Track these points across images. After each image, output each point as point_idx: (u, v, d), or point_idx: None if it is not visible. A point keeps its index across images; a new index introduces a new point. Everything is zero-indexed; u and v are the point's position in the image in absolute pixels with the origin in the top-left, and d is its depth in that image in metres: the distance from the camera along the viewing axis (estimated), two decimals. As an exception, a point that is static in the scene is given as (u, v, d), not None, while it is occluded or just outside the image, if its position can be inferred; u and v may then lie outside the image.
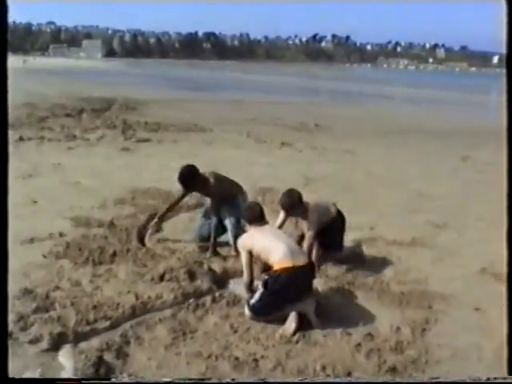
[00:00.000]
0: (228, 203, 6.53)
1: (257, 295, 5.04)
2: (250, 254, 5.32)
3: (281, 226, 6.32)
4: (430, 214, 8.73)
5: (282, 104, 29.98)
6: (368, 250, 6.83)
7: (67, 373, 4.00)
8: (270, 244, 5.24)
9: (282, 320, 4.86)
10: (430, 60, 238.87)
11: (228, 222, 6.56)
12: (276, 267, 5.06)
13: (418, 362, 4.39)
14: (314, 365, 4.22)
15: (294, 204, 6.16)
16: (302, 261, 5.15)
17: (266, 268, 5.26)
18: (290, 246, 5.24)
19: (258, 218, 5.65)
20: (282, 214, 6.34)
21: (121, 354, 4.30)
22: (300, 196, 6.21)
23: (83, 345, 4.39)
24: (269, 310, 4.99)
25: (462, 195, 10.17)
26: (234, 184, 6.76)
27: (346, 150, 15.04)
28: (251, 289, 5.32)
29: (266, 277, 5.06)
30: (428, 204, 9.51)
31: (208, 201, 6.70)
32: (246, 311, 5.03)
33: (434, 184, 11.03)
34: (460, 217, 8.64)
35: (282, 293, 4.99)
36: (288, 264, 5.04)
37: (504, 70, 3.86)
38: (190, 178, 6.30)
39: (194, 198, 7.78)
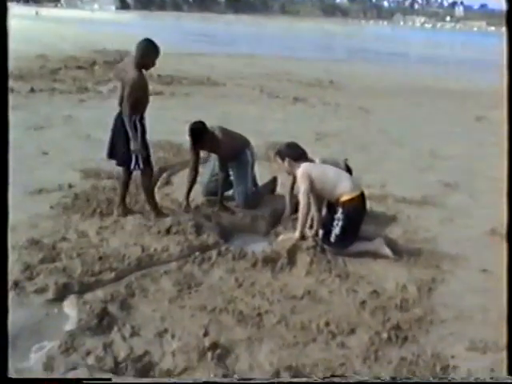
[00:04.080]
0: (235, 158, 6.47)
1: (337, 228, 5.39)
2: (311, 184, 5.43)
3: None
4: (441, 174, 8.65)
5: (296, 60, 29.64)
6: (377, 208, 6.79)
7: (71, 323, 4.02)
8: (335, 175, 5.57)
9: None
10: (448, 18, 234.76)
11: (235, 177, 6.51)
12: (346, 197, 5.40)
13: (422, 321, 4.38)
14: (318, 321, 4.22)
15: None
16: (360, 189, 5.54)
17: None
18: (350, 177, 5.67)
19: (303, 155, 5.84)
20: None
21: (125, 305, 4.32)
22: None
23: (88, 295, 4.41)
24: (351, 240, 5.44)
25: (474, 156, 10.05)
26: (241, 138, 6.68)
27: (359, 107, 14.89)
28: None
29: (340, 208, 5.40)
30: (440, 164, 9.42)
31: (215, 156, 6.64)
32: (327, 247, 5.39)
33: (447, 144, 10.89)
34: (472, 178, 8.55)
35: (358, 221, 5.53)
36: (357, 193, 5.45)
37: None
38: (200, 134, 6.21)
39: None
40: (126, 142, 5.78)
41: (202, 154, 6.64)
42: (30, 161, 8.21)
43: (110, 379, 3.29)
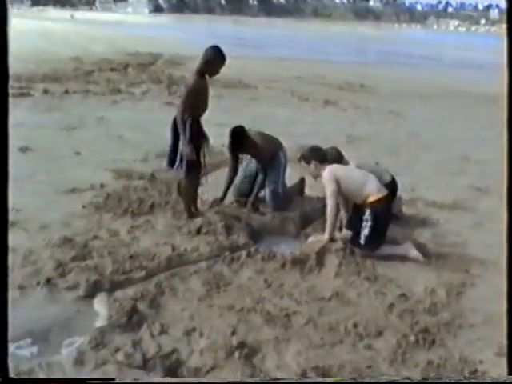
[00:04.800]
0: (271, 160, 6.50)
1: (366, 230, 5.41)
2: (338, 186, 5.48)
3: None
4: (472, 178, 8.58)
5: (327, 63, 29.60)
6: (407, 211, 6.76)
7: (102, 320, 4.09)
8: (361, 176, 5.64)
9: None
10: (483, 21, 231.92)
11: (268, 180, 6.54)
12: (373, 198, 5.44)
13: (450, 325, 4.35)
14: (345, 322, 4.23)
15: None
16: (386, 190, 5.59)
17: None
18: (376, 177, 5.70)
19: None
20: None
21: (154, 303, 4.37)
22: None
23: (118, 293, 4.48)
24: (380, 241, 5.47)
25: (506, 161, 9.93)
26: (275, 141, 6.72)
27: (390, 111, 14.83)
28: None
29: (368, 209, 5.43)
30: (471, 168, 9.34)
31: (247, 158, 6.68)
32: (357, 249, 5.40)
33: (479, 148, 10.79)
34: (502, 182, 8.44)
35: (386, 222, 5.57)
36: (384, 193, 5.50)
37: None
38: (240, 139, 6.27)
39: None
40: (174, 143, 5.91)
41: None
42: (64, 161, 8.36)
43: (113, 379, 3.33)
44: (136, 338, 3.88)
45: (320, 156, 5.76)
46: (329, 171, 5.57)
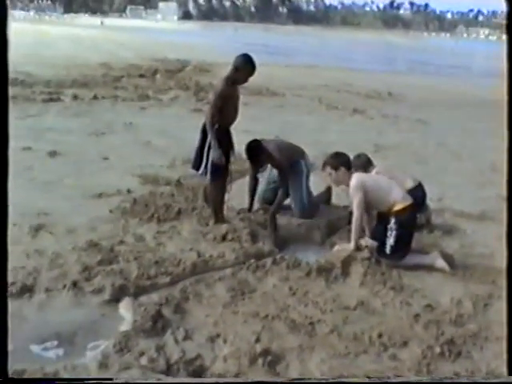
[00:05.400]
0: (291, 169, 6.50)
1: (391, 239, 5.36)
2: (365, 195, 5.44)
3: None
4: (501, 188, 8.46)
5: (355, 71, 29.55)
6: (435, 221, 6.71)
7: (126, 324, 4.11)
8: (387, 184, 5.61)
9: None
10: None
11: (290, 187, 6.54)
12: (398, 207, 5.39)
13: (477, 337, 4.29)
14: (370, 332, 4.19)
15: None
16: (411, 199, 5.55)
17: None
18: (399, 186, 5.70)
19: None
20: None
21: (179, 309, 4.38)
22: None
23: (143, 298, 4.50)
24: (406, 250, 5.43)
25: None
26: (295, 149, 6.71)
27: (418, 120, 14.74)
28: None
29: (393, 218, 5.38)
30: (500, 178, 9.19)
31: (274, 170, 6.70)
32: (384, 260, 5.36)
33: (508, 158, 10.66)
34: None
35: (411, 231, 5.54)
36: (409, 202, 5.45)
37: None
38: (256, 153, 6.29)
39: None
40: (201, 147, 5.96)
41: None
42: (91, 166, 8.44)
43: (111, 379, 3.33)
44: (160, 342, 3.89)
45: (345, 162, 5.71)
46: (356, 180, 5.52)
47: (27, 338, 3.89)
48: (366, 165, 6.58)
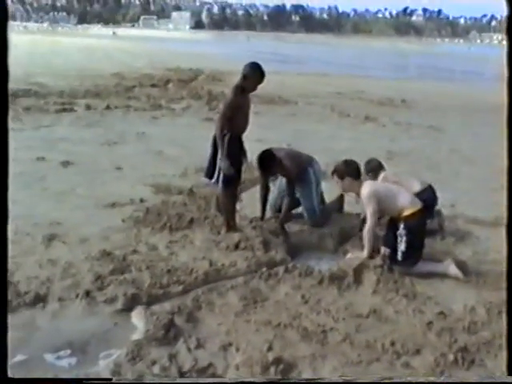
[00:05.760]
0: (299, 177, 6.50)
1: (402, 245, 5.36)
2: (377, 203, 5.43)
3: None
4: (515, 194, 8.42)
5: (368, 78, 29.51)
6: (448, 228, 6.67)
7: (139, 333, 4.12)
8: (395, 189, 5.62)
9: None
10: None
11: (300, 196, 6.54)
12: (407, 212, 5.37)
13: (490, 345, 4.26)
14: (383, 340, 4.18)
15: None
16: (420, 203, 5.51)
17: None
18: (407, 191, 5.69)
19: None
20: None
21: (191, 318, 4.38)
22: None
23: (155, 307, 4.50)
24: (417, 256, 5.41)
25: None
26: (303, 157, 6.70)
27: (430, 126, 14.70)
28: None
29: (402, 224, 5.36)
30: (514, 184, 9.17)
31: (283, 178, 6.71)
32: (396, 267, 5.34)
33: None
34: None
35: (422, 236, 5.49)
36: (418, 206, 5.42)
37: None
38: (268, 163, 6.31)
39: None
40: (213, 156, 5.98)
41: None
42: (104, 175, 8.48)
43: (110, 379, 3.34)
44: (172, 351, 3.90)
45: (353, 170, 5.68)
46: (369, 189, 5.50)
47: (40, 346, 3.91)
48: (376, 169, 6.63)
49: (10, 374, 3.27)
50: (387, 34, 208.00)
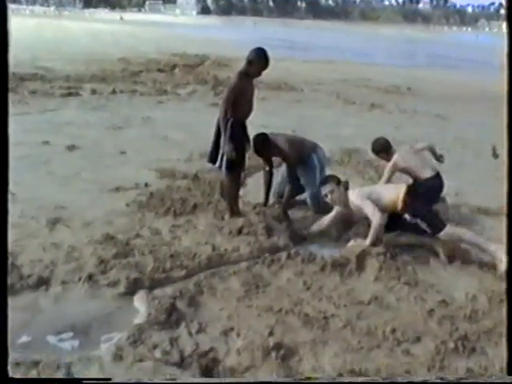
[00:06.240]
0: (302, 163, 6.50)
1: (422, 225, 5.50)
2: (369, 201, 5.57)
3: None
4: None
5: (374, 66, 29.37)
6: (452, 216, 6.67)
7: (141, 317, 4.14)
8: (376, 188, 5.98)
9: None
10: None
11: (304, 182, 6.55)
12: (400, 206, 5.58)
13: (491, 333, 4.26)
14: (383, 327, 4.19)
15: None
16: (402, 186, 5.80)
17: None
18: None
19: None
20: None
21: (193, 302, 4.40)
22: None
23: (158, 291, 4.52)
24: (439, 221, 5.62)
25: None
26: (306, 143, 6.69)
27: (436, 115, 14.65)
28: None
29: (405, 216, 5.56)
30: (519, 173, 9.15)
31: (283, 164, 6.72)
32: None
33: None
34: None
35: (427, 209, 5.71)
36: (403, 189, 5.71)
37: None
38: (262, 146, 6.31)
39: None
40: (216, 140, 5.98)
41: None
42: (109, 159, 8.49)
43: (109, 379, 3.35)
44: (174, 335, 3.92)
45: (338, 181, 5.82)
46: (355, 194, 5.67)
47: (43, 329, 3.94)
48: (385, 147, 6.78)
49: (13, 357, 3.31)
50: (394, 21, 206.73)
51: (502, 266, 5.18)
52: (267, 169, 6.56)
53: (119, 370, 3.52)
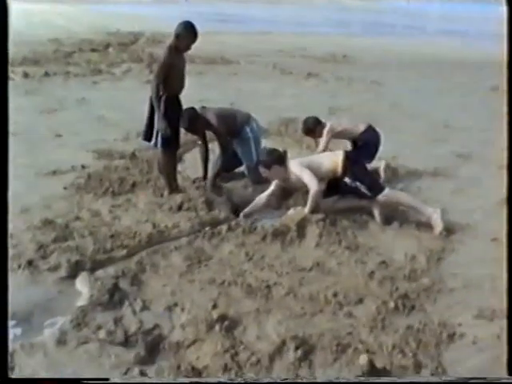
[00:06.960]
0: (236, 136, 6.50)
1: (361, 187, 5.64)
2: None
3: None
4: (454, 145, 8.63)
5: (310, 35, 29.39)
6: (388, 178, 6.80)
7: (83, 299, 4.11)
8: (314, 158, 6.06)
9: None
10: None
11: (240, 154, 6.56)
12: (338, 171, 5.72)
13: (430, 291, 4.40)
14: (325, 292, 4.27)
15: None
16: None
17: None
18: None
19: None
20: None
21: (136, 281, 4.40)
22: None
23: (100, 272, 4.50)
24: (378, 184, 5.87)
25: (488, 127, 9.94)
26: (237, 115, 6.66)
27: (372, 81, 14.80)
28: None
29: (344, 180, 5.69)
30: (453, 135, 9.37)
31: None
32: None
33: (461, 115, 10.83)
34: (484, 148, 8.47)
35: (363, 173, 5.81)
36: (340, 156, 5.81)
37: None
38: (191, 121, 6.24)
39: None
40: (150, 118, 5.92)
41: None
42: (44, 143, 8.32)
43: (107, 379, 3.34)
44: (118, 315, 3.91)
45: (278, 158, 5.80)
46: (295, 164, 5.71)
47: (-17, 318, 3.87)
48: (314, 127, 6.95)
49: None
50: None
51: (438, 228, 5.38)
52: (201, 143, 6.54)
53: (63, 355, 3.50)
